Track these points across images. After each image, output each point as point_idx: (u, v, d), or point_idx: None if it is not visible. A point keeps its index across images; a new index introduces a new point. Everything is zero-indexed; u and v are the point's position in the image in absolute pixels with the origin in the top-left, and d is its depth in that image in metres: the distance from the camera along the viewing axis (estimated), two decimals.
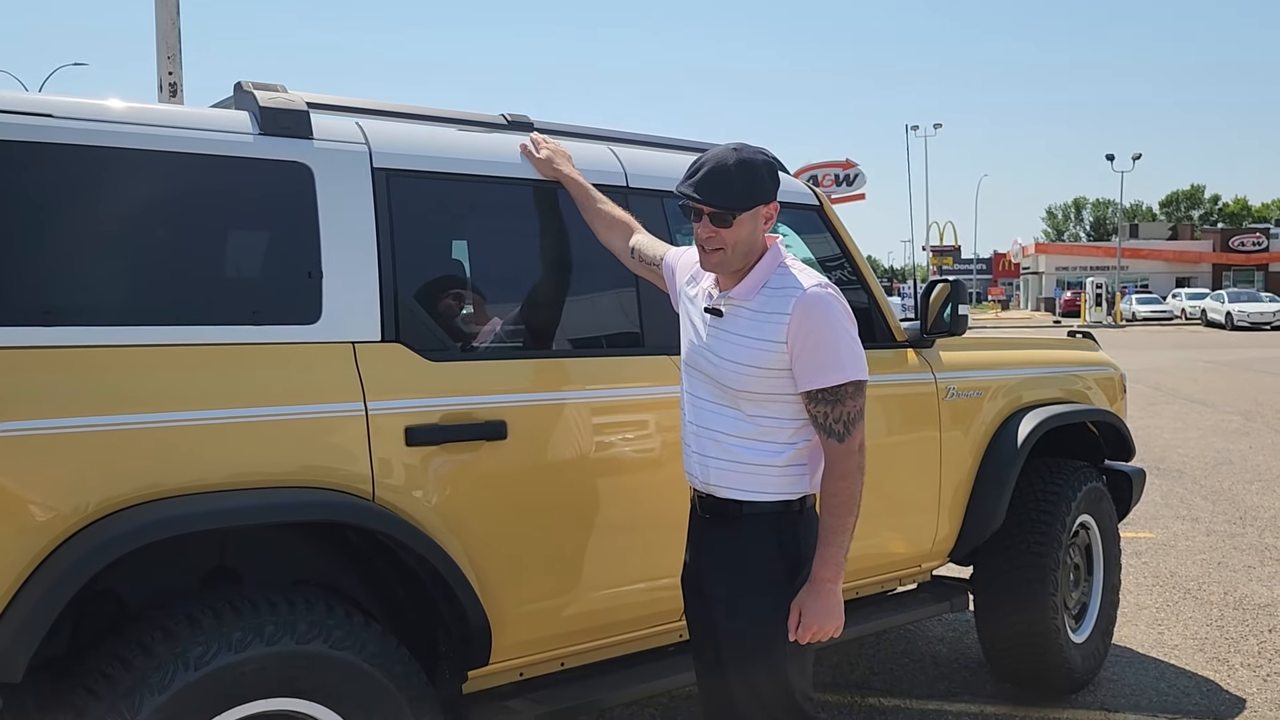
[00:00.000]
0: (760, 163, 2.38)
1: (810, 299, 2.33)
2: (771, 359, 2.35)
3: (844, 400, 2.33)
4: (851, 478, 2.34)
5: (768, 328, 2.35)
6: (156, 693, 2.11)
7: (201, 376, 2.33)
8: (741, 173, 2.33)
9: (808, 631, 2.35)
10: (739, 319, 2.39)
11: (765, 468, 2.40)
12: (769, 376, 2.36)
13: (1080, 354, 4.65)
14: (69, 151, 2.28)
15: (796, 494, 2.44)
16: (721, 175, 2.33)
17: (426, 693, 2.47)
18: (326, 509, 2.41)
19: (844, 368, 2.32)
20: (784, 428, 2.41)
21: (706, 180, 2.34)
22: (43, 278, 2.25)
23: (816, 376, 2.32)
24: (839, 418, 2.33)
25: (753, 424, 2.40)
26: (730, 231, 2.35)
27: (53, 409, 2.13)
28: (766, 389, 2.37)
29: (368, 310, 2.58)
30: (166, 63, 8.49)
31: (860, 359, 2.36)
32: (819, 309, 2.33)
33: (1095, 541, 4.38)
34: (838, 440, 2.34)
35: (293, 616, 2.29)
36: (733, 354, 2.38)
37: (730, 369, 2.39)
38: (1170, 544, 6.63)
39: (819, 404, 2.34)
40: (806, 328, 2.31)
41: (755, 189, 2.35)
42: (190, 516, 2.20)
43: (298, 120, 2.59)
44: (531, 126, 3.18)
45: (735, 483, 2.43)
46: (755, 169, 2.36)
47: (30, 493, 2.09)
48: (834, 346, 2.32)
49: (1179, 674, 4.46)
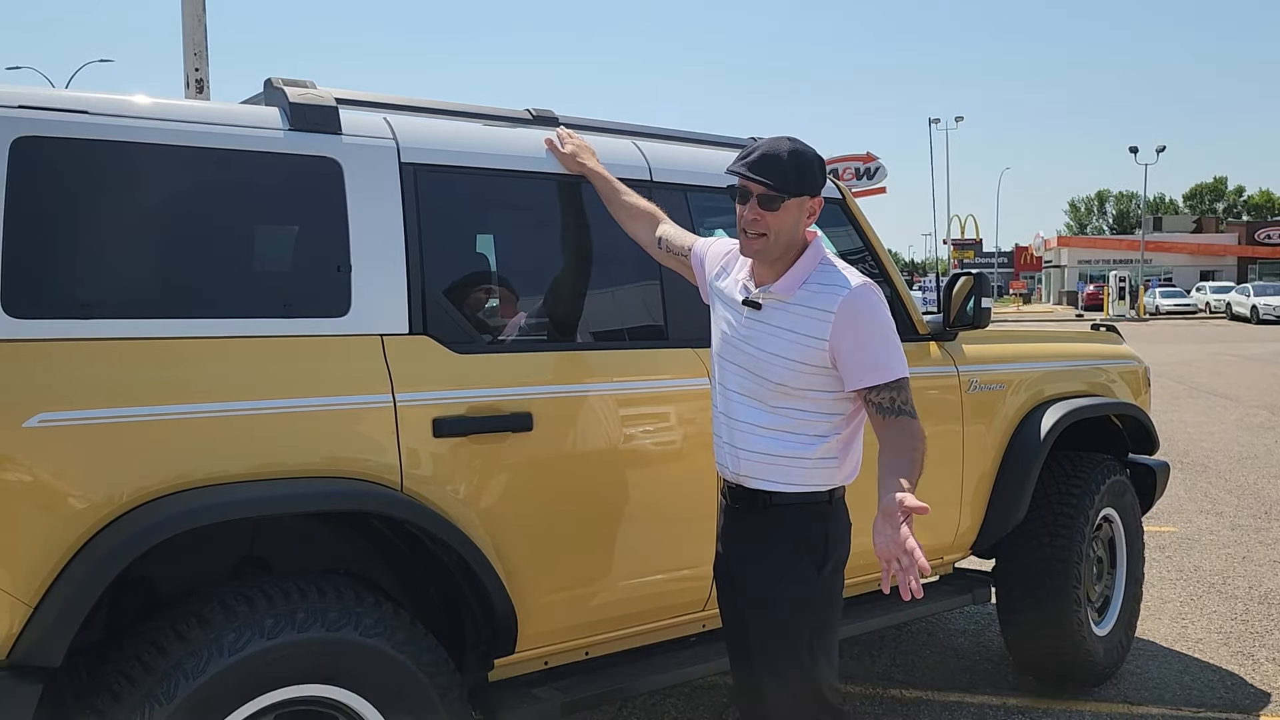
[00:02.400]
0: (813, 156, 2.43)
1: (858, 298, 2.37)
2: (812, 355, 2.37)
3: (901, 388, 2.38)
4: (923, 441, 2.37)
5: (811, 324, 2.37)
6: (191, 678, 2.15)
7: (233, 368, 2.37)
8: (794, 161, 2.38)
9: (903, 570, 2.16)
10: (780, 313, 2.41)
11: (797, 459, 2.43)
12: (807, 372, 2.39)
13: (1104, 347, 4.63)
14: (104, 147, 2.32)
15: (826, 486, 2.45)
16: (774, 160, 2.37)
17: (453, 680, 2.51)
18: (355, 499, 2.44)
19: (895, 364, 2.38)
20: (816, 421, 2.43)
21: (761, 162, 2.37)
22: (78, 271, 2.29)
23: (868, 374, 2.36)
24: (906, 400, 2.38)
25: (784, 417, 2.42)
26: (776, 216, 2.37)
27: (88, 400, 2.17)
28: (802, 384, 2.40)
29: (396, 303, 2.61)
30: (193, 59, 8.55)
31: (902, 353, 2.42)
32: (867, 308, 2.38)
33: (1118, 535, 4.38)
34: (910, 416, 2.37)
35: (323, 604, 2.33)
36: (774, 347, 2.41)
37: (769, 361, 2.41)
38: (1194, 538, 6.60)
39: (884, 392, 2.37)
40: (856, 327, 2.36)
41: (805, 178, 2.39)
42: (223, 505, 2.25)
43: (327, 116, 2.62)
44: (556, 121, 3.20)
45: (765, 474, 2.45)
46: (808, 160, 2.41)
47: (67, 482, 2.13)
48: (884, 345, 2.38)
49: (1203, 668, 4.44)
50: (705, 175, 3.28)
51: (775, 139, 2.43)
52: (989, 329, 3.89)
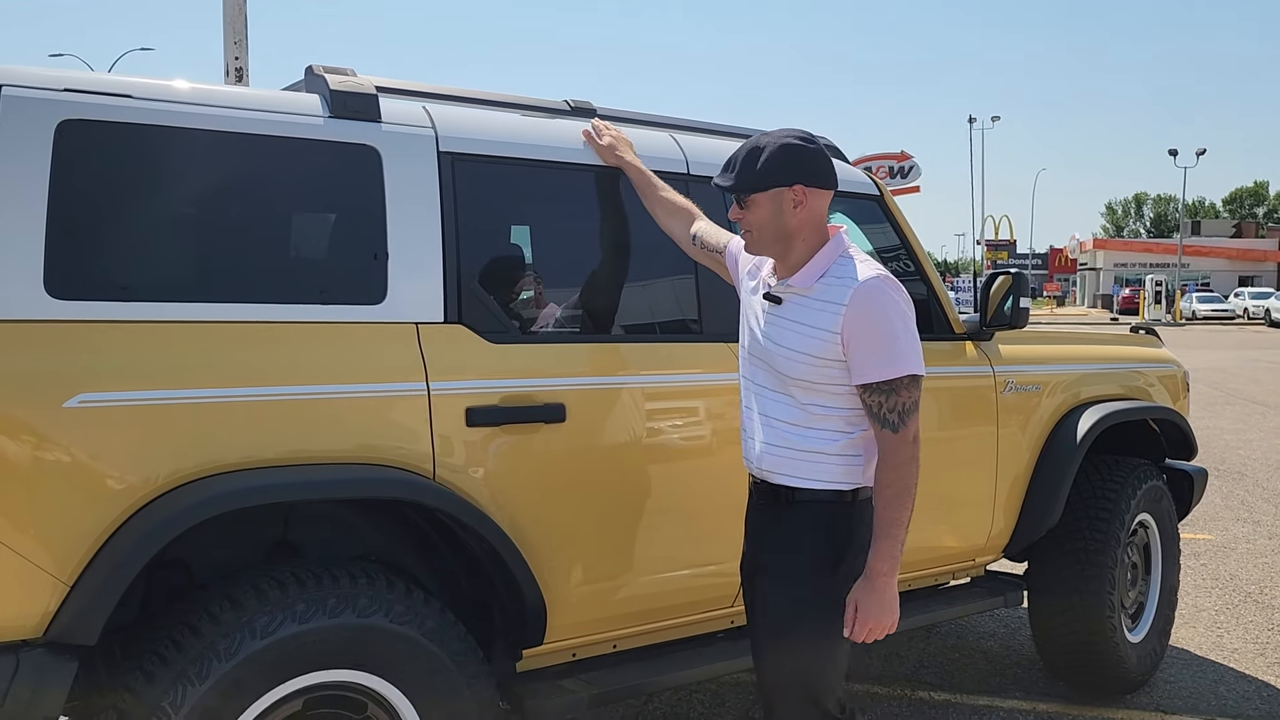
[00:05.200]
0: (779, 146, 2.35)
1: (867, 290, 2.30)
2: (824, 348, 2.32)
3: (898, 391, 2.29)
4: (905, 469, 2.31)
5: (823, 317, 2.33)
6: (224, 659, 2.17)
7: (269, 353, 2.38)
8: (752, 157, 2.35)
9: (863, 628, 2.31)
10: (797, 307, 2.38)
11: (819, 455, 2.39)
12: (821, 365, 2.34)
13: (1142, 350, 4.57)
14: (147, 132, 2.33)
15: (850, 484, 2.41)
16: (734, 160, 2.38)
17: (482, 669, 2.51)
18: (388, 486, 2.45)
19: (898, 361, 2.29)
20: (836, 416, 2.38)
21: (726, 164, 2.41)
22: (119, 254, 2.31)
23: (871, 370, 2.29)
24: (893, 408, 2.30)
25: (805, 412, 2.39)
26: (751, 213, 2.37)
27: (127, 382, 2.19)
28: (818, 378, 2.36)
29: (431, 291, 2.61)
30: (233, 48, 8.64)
31: (916, 352, 2.32)
32: (875, 301, 2.30)
33: (1154, 541, 4.32)
34: (891, 430, 2.30)
35: (354, 590, 2.34)
36: (789, 341, 2.37)
37: (785, 355, 2.38)
38: (1230, 546, 6.50)
39: (874, 394, 2.31)
40: (862, 320, 2.29)
41: (768, 170, 2.33)
42: (259, 489, 2.26)
43: (366, 103, 2.62)
44: (594, 113, 3.19)
45: (788, 469, 2.42)
46: (773, 153, 2.34)
47: (106, 463, 2.15)
48: (890, 340, 2.29)
49: (1239, 678, 4.37)
50: None
51: (756, 136, 2.41)
52: (1026, 330, 3.84)
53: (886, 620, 2.32)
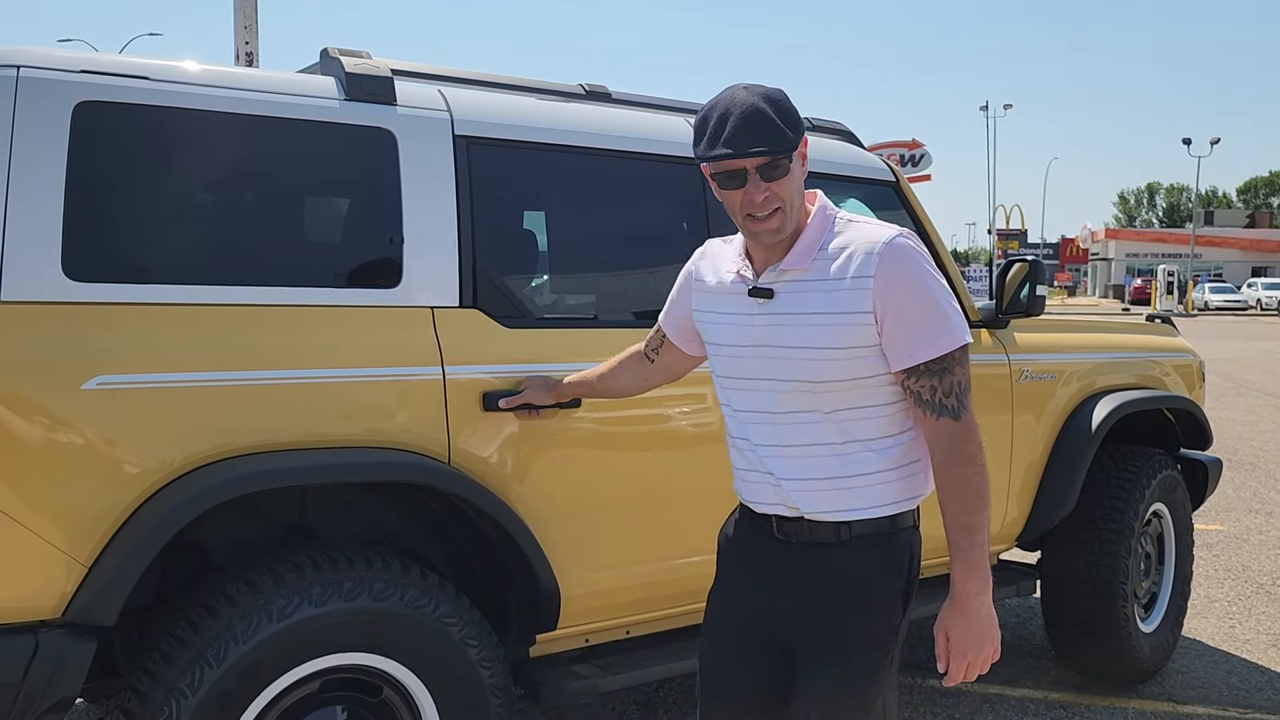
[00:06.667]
0: (782, 93, 1.89)
1: (897, 254, 1.85)
2: (855, 335, 1.85)
3: (952, 369, 1.86)
4: (977, 461, 1.87)
5: (845, 297, 1.85)
6: (241, 642, 2.18)
7: (285, 337, 2.38)
8: (774, 108, 1.84)
9: (961, 663, 1.87)
10: (801, 295, 1.89)
11: (868, 476, 1.91)
12: (851, 358, 1.87)
13: (1158, 339, 4.54)
14: (163, 113, 2.33)
15: (913, 499, 1.97)
16: (756, 118, 1.81)
17: (496, 654, 2.52)
18: (403, 470, 2.45)
19: (948, 331, 1.86)
20: (879, 419, 1.92)
21: (744, 130, 1.81)
22: (136, 236, 2.31)
23: (918, 347, 1.85)
24: (950, 389, 1.86)
25: (838, 426, 1.90)
26: (786, 182, 1.86)
27: (145, 364, 2.19)
28: (849, 373, 1.88)
29: (447, 276, 2.61)
30: (243, 32, 8.63)
31: (961, 316, 1.89)
32: (909, 264, 1.85)
33: (1168, 531, 4.30)
34: (952, 417, 1.86)
35: (370, 574, 2.35)
36: (804, 338, 1.88)
37: (803, 359, 1.88)
38: (1243, 538, 6.48)
39: (923, 378, 1.86)
40: (898, 289, 1.84)
41: (795, 122, 1.86)
42: (275, 473, 2.27)
43: (382, 86, 2.62)
44: (609, 97, 3.19)
45: (835, 502, 1.91)
46: (782, 101, 1.87)
47: (123, 445, 2.16)
48: (933, 307, 1.85)
49: (1251, 668, 4.36)
50: None
51: (730, 96, 1.86)
52: (1042, 318, 3.82)
53: (988, 649, 1.88)
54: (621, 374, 2.47)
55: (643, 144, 3.02)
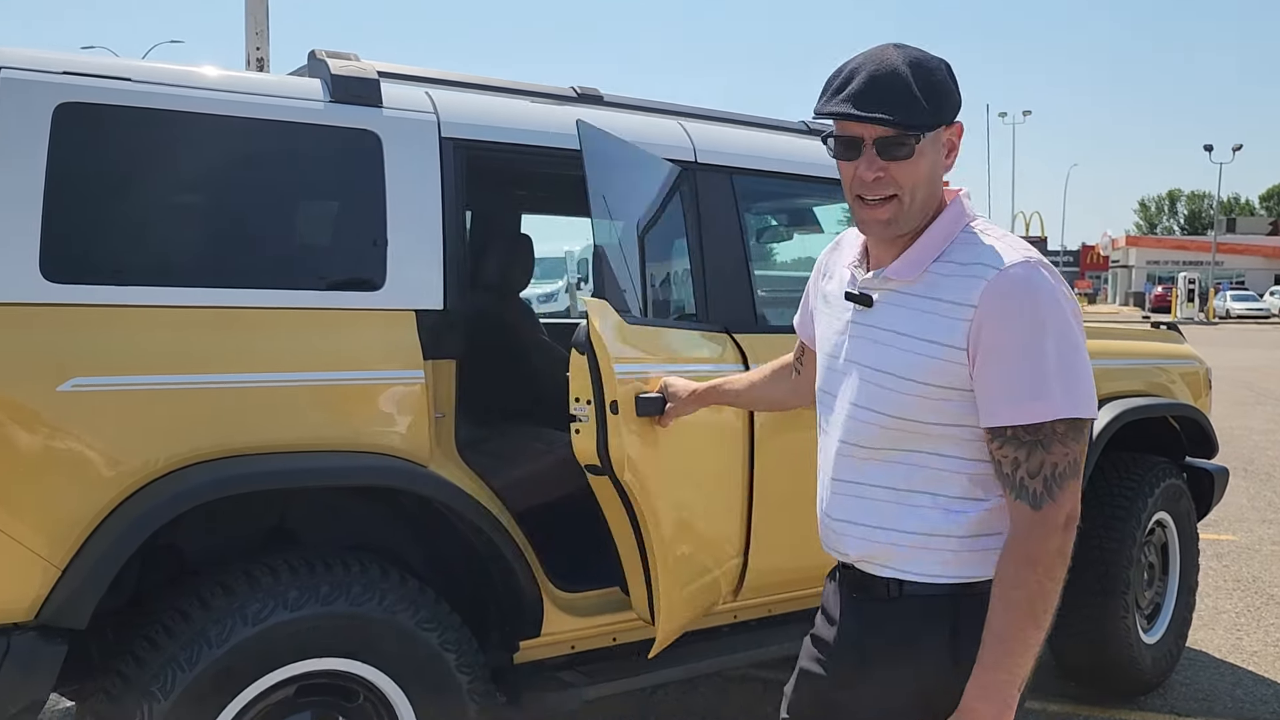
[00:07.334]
0: (939, 64, 1.58)
1: (1012, 284, 1.50)
2: (943, 372, 1.54)
3: (1047, 444, 1.49)
4: (1044, 566, 1.49)
5: (938, 323, 1.55)
6: (214, 645, 2.17)
7: (265, 339, 2.37)
8: (920, 76, 1.54)
9: None
10: (897, 310, 1.60)
11: (937, 539, 1.60)
12: (938, 398, 1.56)
13: (1165, 346, 4.48)
14: (145, 115, 2.32)
15: (984, 579, 1.58)
16: (890, 81, 1.53)
17: (476, 660, 2.50)
18: (383, 474, 2.44)
19: (1048, 394, 1.48)
20: (961, 476, 1.59)
21: (870, 90, 1.53)
22: (116, 238, 2.30)
23: (1003, 407, 1.51)
24: (1037, 470, 1.49)
25: (911, 471, 1.60)
26: (909, 166, 1.56)
27: (122, 367, 2.18)
28: (932, 415, 1.57)
29: (431, 278, 2.59)
30: (254, 38, 8.69)
31: (1083, 384, 1.50)
32: (1025, 299, 1.50)
33: (1172, 540, 4.23)
34: (1030, 504, 1.50)
35: (348, 578, 2.33)
36: (887, 362, 1.59)
37: (880, 384, 1.60)
38: (1254, 548, 6.39)
39: (1008, 445, 1.52)
40: (1000, 327, 1.50)
41: (942, 99, 1.56)
42: (249, 476, 2.26)
43: (368, 88, 2.61)
44: (601, 100, 3.17)
45: (889, 558, 1.63)
46: (935, 70, 1.56)
47: (98, 447, 2.15)
48: (1038, 360, 1.48)
49: (1256, 681, 4.29)
50: (752, 158, 3.21)
51: (877, 51, 1.57)
52: None
53: None
54: (771, 386, 2.18)
55: None
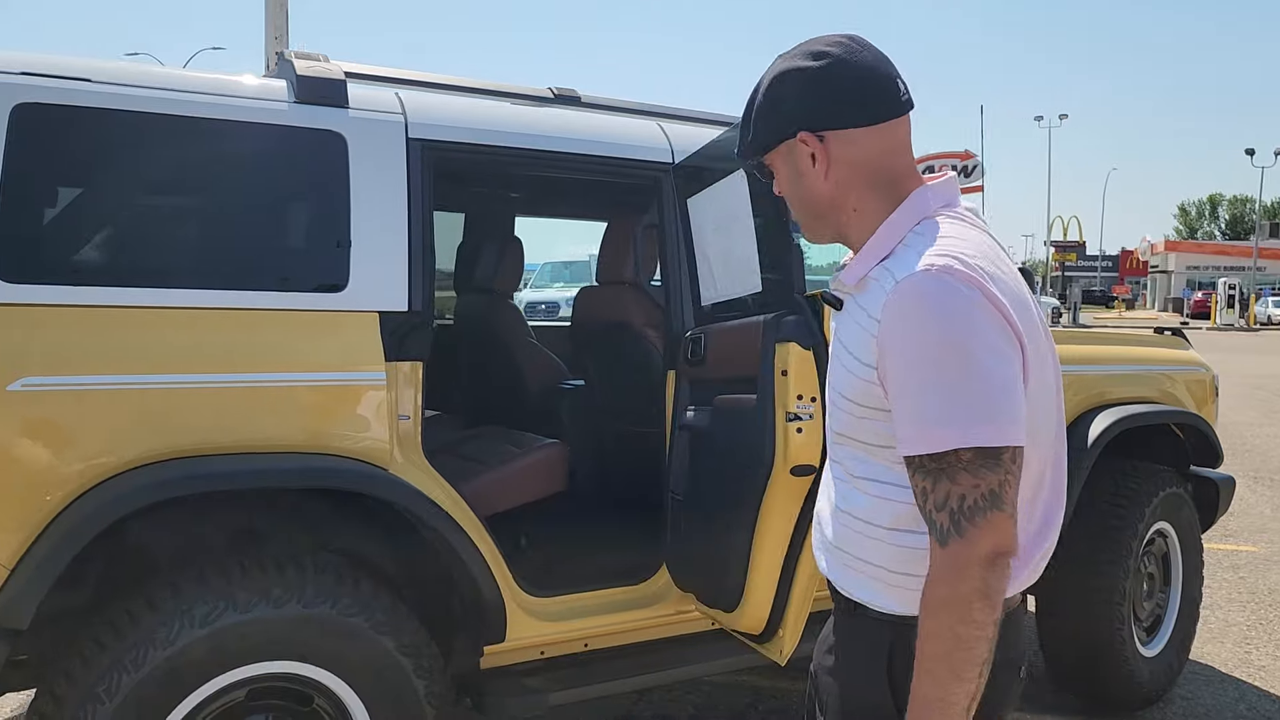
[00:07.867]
0: (774, 79, 1.46)
1: (902, 295, 1.32)
2: (863, 391, 1.40)
3: (953, 474, 1.29)
4: (957, 612, 1.26)
5: (862, 338, 1.40)
6: (161, 647, 2.16)
7: (226, 340, 2.36)
8: (761, 96, 1.47)
9: None
10: (844, 317, 1.48)
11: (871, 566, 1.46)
12: (862, 417, 1.42)
13: (1169, 352, 4.38)
14: (104, 115, 2.33)
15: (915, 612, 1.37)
16: (747, 106, 1.50)
17: (435, 664, 2.47)
18: (341, 476, 2.42)
19: (941, 419, 1.28)
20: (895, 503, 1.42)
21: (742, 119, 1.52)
22: (73, 238, 2.31)
23: (908, 430, 1.33)
24: (942, 503, 1.30)
25: (859, 493, 1.46)
26: (782, 183, 1.51)
27: (74, 366, 2.18)
28: (863, 434, 1.43)
29: (395, 280, 2.57)
30: (274, 42, 8.76)
31: (990, 408, 1.27)
32: (915, 313, 1.31)
33: (1173, 551, 4.13)
34: (938, 541, 1.30)
35: (301, 581, 2.31)
36: (833, 376, 1.48)
37: (829, 400, 1.50)
38: (1274, 559, 6.23)
39: (917, 474, 1.33)
40: (895, 347, 1.33)
41: (767, 117, 1.46)
42: (199, 478, 2.24)
43: (334, 89, 2.60)
44: (579, 101, 3.14)
45: (844, 579, 1.52)
46: (767, 91, 1.46)
47: (48, 448, 2.15)
48: (924, 382, 1.30)
49: (1262, 696, 4.17)
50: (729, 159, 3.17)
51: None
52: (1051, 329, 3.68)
53: None
54: None
55: (609, 148, 2.97)
